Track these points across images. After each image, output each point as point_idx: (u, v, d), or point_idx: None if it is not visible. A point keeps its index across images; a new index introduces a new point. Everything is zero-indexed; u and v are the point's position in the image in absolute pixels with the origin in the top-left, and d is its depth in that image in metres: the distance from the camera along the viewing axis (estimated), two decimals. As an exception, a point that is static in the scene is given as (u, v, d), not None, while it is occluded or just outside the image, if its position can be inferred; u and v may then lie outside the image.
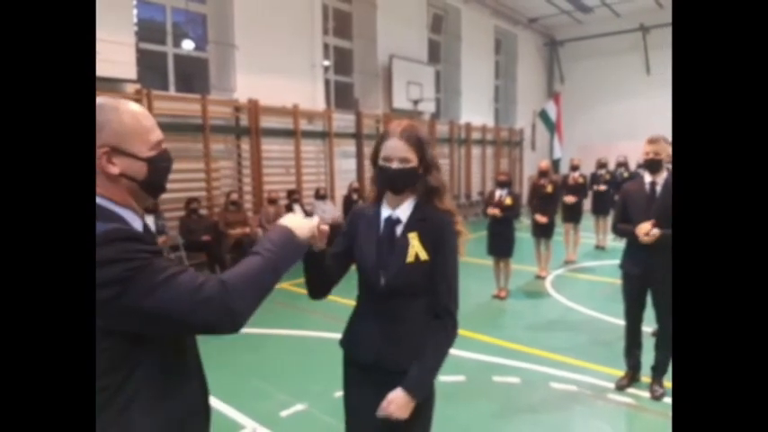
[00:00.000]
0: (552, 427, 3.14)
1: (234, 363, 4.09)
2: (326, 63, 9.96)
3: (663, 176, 3.34)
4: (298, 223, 1.31)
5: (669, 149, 3.33)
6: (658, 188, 3.31)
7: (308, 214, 1.47)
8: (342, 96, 10.51)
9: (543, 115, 15.00)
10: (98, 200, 1.08)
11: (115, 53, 6.23)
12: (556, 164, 14.06)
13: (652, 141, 3.37)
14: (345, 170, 9.97)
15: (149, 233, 1.18)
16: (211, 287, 1.03)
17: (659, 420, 3.19)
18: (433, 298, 1.64)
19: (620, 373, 3.73)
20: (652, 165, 3.36)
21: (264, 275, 1.13)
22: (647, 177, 3.38)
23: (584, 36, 15.64)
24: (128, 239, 1.01)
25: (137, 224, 1.13)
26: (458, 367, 3.89)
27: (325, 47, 9.79)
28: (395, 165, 1.62)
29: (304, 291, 1.71)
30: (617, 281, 6.69)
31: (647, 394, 3.48)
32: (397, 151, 1.61)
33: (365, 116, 10.21)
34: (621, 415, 3.28)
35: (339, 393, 3.47)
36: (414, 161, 1.62)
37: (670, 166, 3.47)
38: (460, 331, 1.71)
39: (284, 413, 3.27)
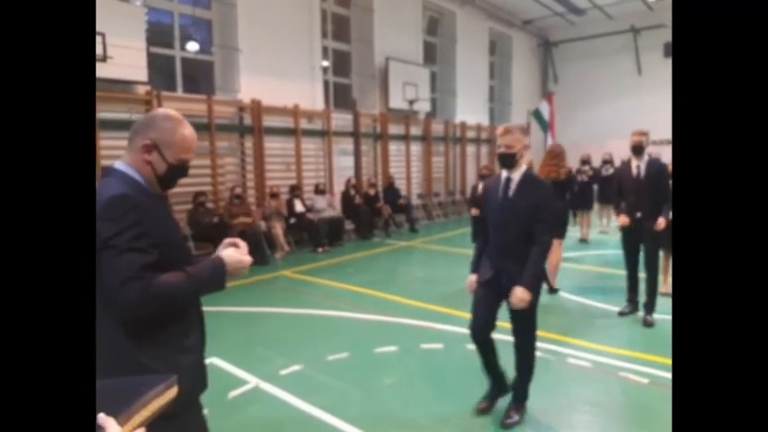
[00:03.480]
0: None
1: (241, 334, 4.61)
2: (325, 65, 10.45)
3: (521, 171, 2.85)
4: (234, 263, 1.55)
5: (525, 140, 2.84)
6: (513, 186, 2.86)
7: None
8: (340, 97, 11.00)
9: (537, 115, 15.46)
10: (130, 171, 1.52)
11: (128, 57, 6.74)
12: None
13: (505, 133, 2.81)
14: (343, 167, 10.46)
15: (158, 200, 1.55)
16: (135, 290, 1.35)
17: (610, 380, 3.67)
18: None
19: (578, 341, 4.24)
20: (505, 160, 2.81)
21: (179, 299, 1.48)
22: (504, 173, 2.90)
23: (577, 37, 16.10)
24: (127, 205, 1.40)
25: (149, 192, 1.55)
26: (437, 337, 4.39)
27: (324, 50, 10.28)
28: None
29: (303, 277, 2.15)
30: (598, 268, 7.19)
31: (603, 359, 3.97)
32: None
33: (362, 116, 10.70)
34: (576, 375, 3.77)
35: (331, 357, 4.00)
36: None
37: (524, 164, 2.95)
38: (442, 308, 2.15)
39: (283, 372, 3.76)
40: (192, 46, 9.03)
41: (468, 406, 3.29)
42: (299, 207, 8.89)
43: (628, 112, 14.96)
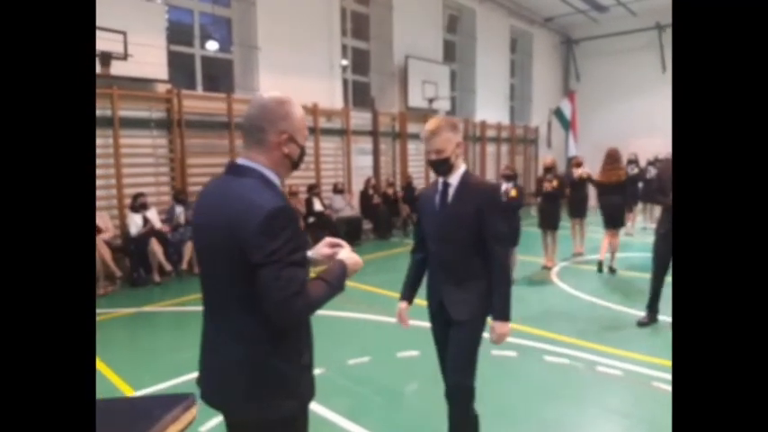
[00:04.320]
0: (541, 391, 3.49)
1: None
2: (344, 63, 10.38)
3: (459, 174, 2.34)
4: (352, 265, 1.62)
5: (457, 137, 2.29)
6: (451, 191, 2.34)
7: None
8: (359, 95, 10.92)
9: (558, 113, 15.20)
10: (268, 172, 1.50)
11: (149, 55, 6.74)
12: (571, 161, 14.27)
13: (430, 135, 2.26)
14: (362, 166, 10.38)
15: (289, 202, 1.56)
16: (298, 304, 1.38)
17: (642, 389, 3.51)
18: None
19: (611, 349, 4.08)
20: (438, 168, 2.32)
21: (323, 303, 1.50)
22: (441, 178, 2.38)
23: (600, 35, 15.79)
24: (286, 218, 1.40)
25: (281, 192, 1.56)
26: (460, 342, 4.27)
27: (344, 48, 10.21)
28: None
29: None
30: (622, 272, 6.97)
31: (634, 367, 3.81)
32: None
33: (381, 114, 10.60)
34: (606, 384, 3.61)
35: (352, 361, 3.90)
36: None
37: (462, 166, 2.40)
38: None
39: (303, 376, 3.68)
40: (212, 45, 9.02)
41: (495, 414, 3.17)
42: (317, 206, 8.83)
43: (652, 110, 14.61)
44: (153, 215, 6.77)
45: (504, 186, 6.09)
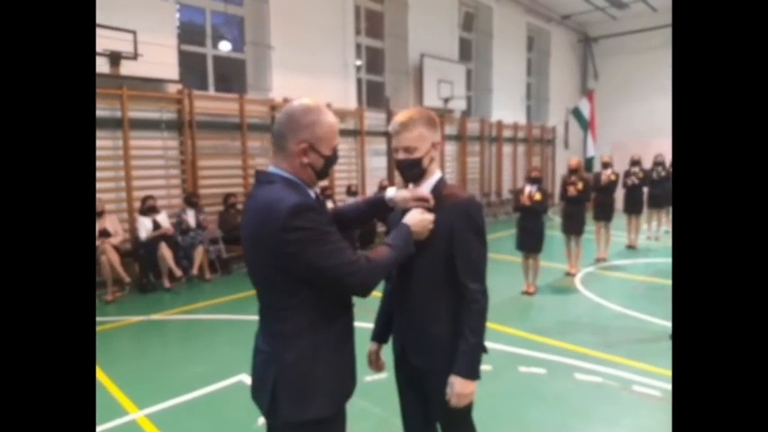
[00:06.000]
0: (574, 414, 3.23)
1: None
2: (358, 63, 10.15)
3: (431, 182, 1.84)
4: (417, 223, 1.67)
5: (434, 136, 1.85)
6: None
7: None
8: (373, 95, 10.69)
9: (577, 113, 14.79)
10: (291, 176, 1.53)
11: (159, 55, 6.57)
12: (589, 162, 13.90)
13: (402, 128, 1.83)
14: (376, 167, 10.16)
15: (321, 203, 1.59)
16: (360, 266, 1.46)
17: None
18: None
19: (647, 366, 3.80)
20: (406, 170, 1.83)
21: (391, 264, 1.58)
22: (410, 186, 1.91)
23: (619, 32, 15.39)
24: (309, 210, 1.43)
25: (312, 195, 1.57)
26: (483, 357, 4.01)
27: (358, 47, 9.98)
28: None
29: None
30: (648, 278, 6.68)
31: (671, 386, 3.53)
32: None
33: (396, 114, 10.35)
34: (645, 406, 3.34)
35: (369, 378, 3.65)
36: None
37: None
38: (488, 324, 1.81)
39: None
40: (224, 45, 8.85)
41: (526, 441, 2.92)
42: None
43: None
44: (163, 219, 6.60)
45: (528, 189, 5.83)
